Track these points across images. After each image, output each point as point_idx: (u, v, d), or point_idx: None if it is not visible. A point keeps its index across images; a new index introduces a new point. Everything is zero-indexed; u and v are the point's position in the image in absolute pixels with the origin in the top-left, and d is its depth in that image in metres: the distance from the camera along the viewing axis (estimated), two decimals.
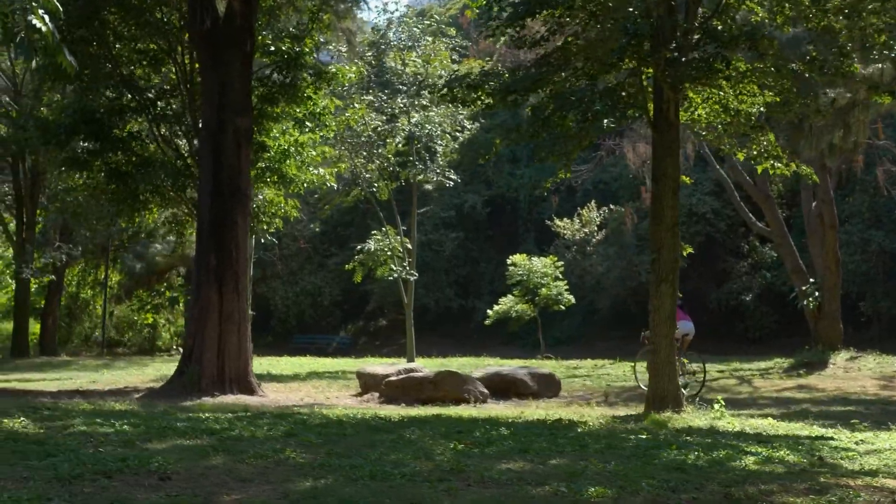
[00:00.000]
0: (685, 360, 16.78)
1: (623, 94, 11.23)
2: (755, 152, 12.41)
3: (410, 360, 25.73)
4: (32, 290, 44.03)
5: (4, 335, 42.69)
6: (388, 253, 26.04)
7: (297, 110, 19.57)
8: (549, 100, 11.60)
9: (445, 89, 12.60)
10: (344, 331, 39.75)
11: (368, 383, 17.59)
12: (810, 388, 18.94)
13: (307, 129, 19.85)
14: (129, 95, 19.01)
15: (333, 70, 19.43)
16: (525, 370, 17.79)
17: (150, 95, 19.13)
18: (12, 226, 32.11)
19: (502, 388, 16.98)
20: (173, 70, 19.66)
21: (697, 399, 14.79)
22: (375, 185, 25.60)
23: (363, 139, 25.18)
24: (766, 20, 11.25)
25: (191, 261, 39.14)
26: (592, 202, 34.10)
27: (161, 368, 24.32)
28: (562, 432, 8.85)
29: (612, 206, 34.95)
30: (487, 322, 31.77)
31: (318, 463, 6.64)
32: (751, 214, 28.17)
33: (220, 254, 16.11)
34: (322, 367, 25.68)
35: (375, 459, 6.80)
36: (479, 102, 12.48)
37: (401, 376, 16.99)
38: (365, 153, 25.11)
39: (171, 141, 19.65)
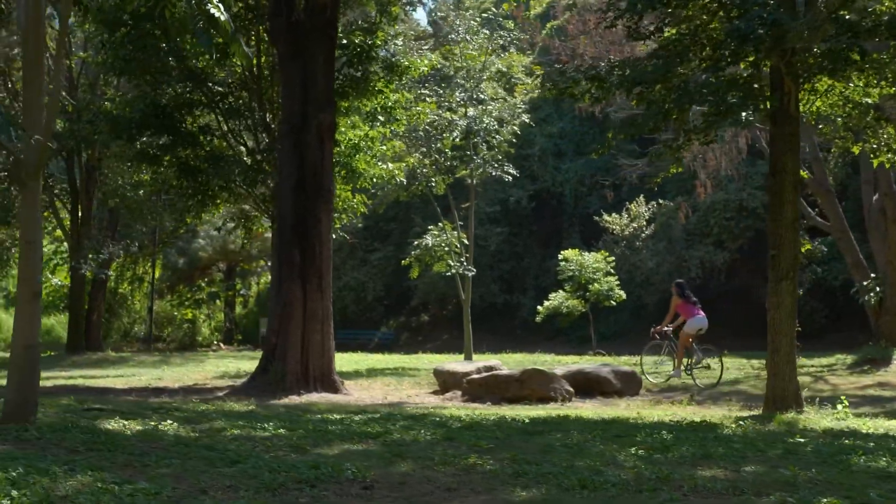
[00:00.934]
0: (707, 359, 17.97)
1: (756, 86, 10.90)
2: (874, 145, 12.10)
3: (468, 357, 25.50)
4: (69, 285, 44.13)
5: (43, 330, 42.69)
6: (446, 248, 25.77)
7: (367, 104, 19.33)
8: (668, 92, 11.27)
9: (551, 81, 12.28)
10: (385, 326, 39.53)
11: (448, 381, 17.36)
12: (892, 386, 18.58)
13: (378, 124, 19.59)
14: (199, 90, 18.80)
15: (406, 63, 19.14)
16: (608, 368, 17.50)
17: (219, 90, 18.92)
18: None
19: (585, 386, 16.72)
20: (239, 64, 19.44)
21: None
22: (433, 179, 25.32)
23: (420, 133, 24.90)
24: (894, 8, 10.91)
25: (237, 256, 39.10)
26: (641, 197, 33.74)
27: (219, 365, 24.14)
28: (711, 433, 8.57)
29: (661, 201, 34.58)
30: (538, 318, 31.48)
31: (512, 471, 6.37)
32: (809, 208, 27.79)
33: (304, 251, 15.89)
34: (378, 363, 25.44)
35: (568, 467, 6.53)
36: (587, 96, 12.16)
37: (483, 374, 16.77)
38: (424, 147, 24.82)
39: (240, 136, 19.44)
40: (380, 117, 19.41)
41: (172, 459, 6.30)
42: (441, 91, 25.38)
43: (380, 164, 20.38)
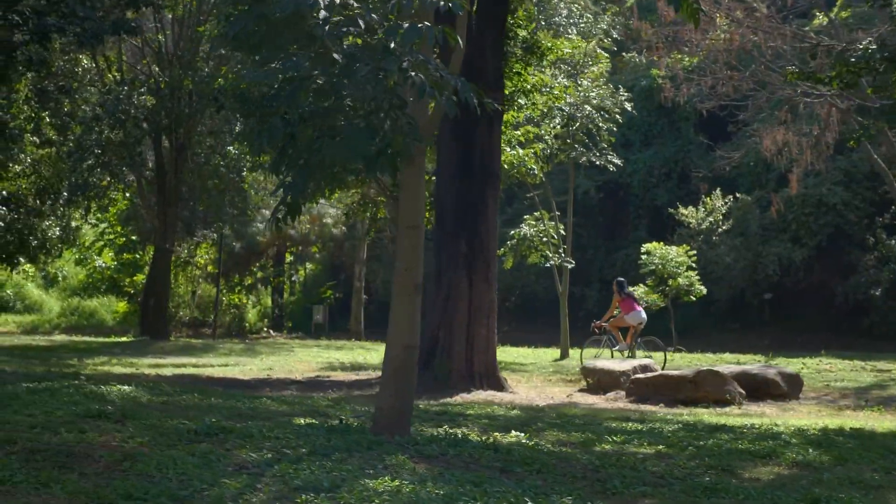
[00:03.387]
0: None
1: None
2: None
3: (565, 352, 24.67)
4: (113, 267, 42.91)
5: (87, 313, 41.42)
6: (543, 238, 24.90)
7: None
8: None
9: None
10: None
11: (602, 380, 16.58)
12: None
13: (514, 108, 18.67)
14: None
15: (547, 44, 18.24)
16: (773, 369, 16.69)
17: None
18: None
19: (752, 388, 15.92)
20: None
21: None
22: (533, 167, 24.35)
23: (521, 119, 23.95)
24: None
25: (295, 241, 38.10)
26: (718, 190, 32.92)
27: (309, 356, 23.30)
28: None
29: (737, 195, 33.80)
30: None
31: None
32: None
33: (471, 239, 15.01)
34: None
35: None
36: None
37: (648, 374, 16.03)
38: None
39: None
40: (519, 100, 18.47)
41: (640, 486, 5.43)
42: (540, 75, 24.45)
43: (507, 149, 19.49)
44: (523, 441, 6.71)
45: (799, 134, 29.69)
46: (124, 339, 28.67)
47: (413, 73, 6.00)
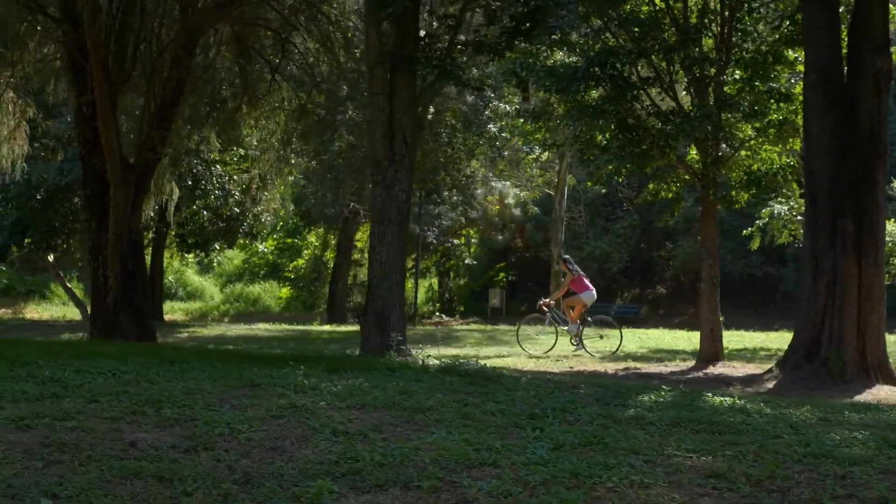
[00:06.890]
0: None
1: None
2: None
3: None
4: (266, 251, 42.26)
5: (251, 299, 40.81)
6: (797, 217, 23.31)
7: None
8: None
9: None
10: (620, 298, 37.17)
11: None
12: None
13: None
14: (648, 38, 16.50)
15: None
16: None
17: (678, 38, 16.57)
18: None
19: None
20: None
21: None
22: None
23: None
24: None
25: (477, 223, 36.97)
26: None
27: (567, 343, 22.10)
28: None
29: None
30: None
31: None
32: None
33: (859, 218, 13.61)
34: (731, 341, 23.13)
35: None
36: None
37: None
38: None
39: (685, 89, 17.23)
40: None
41: None
42: None
43: None
44: None
45: None
46: (324, 325, 27.89)
47: None
